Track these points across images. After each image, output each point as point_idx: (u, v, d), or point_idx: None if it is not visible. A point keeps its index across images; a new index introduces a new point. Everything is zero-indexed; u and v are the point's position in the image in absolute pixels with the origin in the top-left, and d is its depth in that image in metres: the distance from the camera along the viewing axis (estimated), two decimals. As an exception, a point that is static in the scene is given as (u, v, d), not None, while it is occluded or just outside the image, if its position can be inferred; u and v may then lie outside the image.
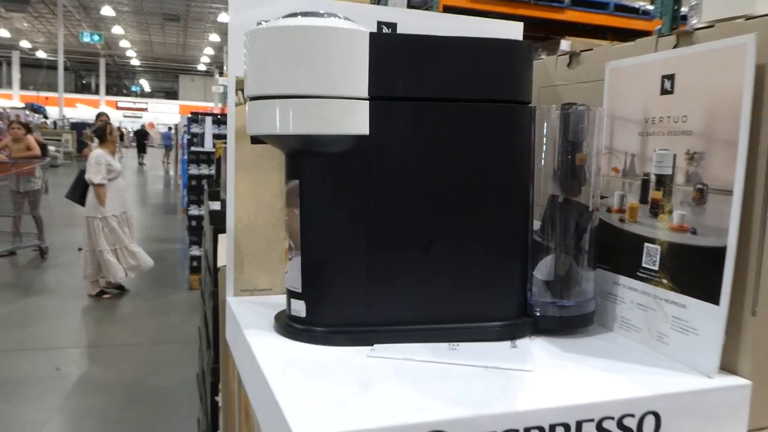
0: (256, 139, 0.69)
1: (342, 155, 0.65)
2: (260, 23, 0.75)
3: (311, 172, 0.66)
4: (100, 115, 7.09)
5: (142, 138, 20.37)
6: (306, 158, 0.66)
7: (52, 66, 29.06)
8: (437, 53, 0.66)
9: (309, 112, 0.63)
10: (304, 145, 0.65)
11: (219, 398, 1.56)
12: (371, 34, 0.64)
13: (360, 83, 0.64)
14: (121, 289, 5.21)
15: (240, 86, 0.82)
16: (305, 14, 0.65)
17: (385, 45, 0.65)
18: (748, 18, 0.60)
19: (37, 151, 7.04)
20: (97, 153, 4.93)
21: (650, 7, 5.01)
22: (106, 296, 5.08)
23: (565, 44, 4.63)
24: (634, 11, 5.10)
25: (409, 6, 4.72)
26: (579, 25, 5.04)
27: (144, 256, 5.09)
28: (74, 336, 4.31)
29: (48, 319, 4.61)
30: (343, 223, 0.66)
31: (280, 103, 0.64)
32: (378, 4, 5.11)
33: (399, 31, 0.88)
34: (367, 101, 0.64)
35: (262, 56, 0.64)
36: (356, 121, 0.64)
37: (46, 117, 23.63)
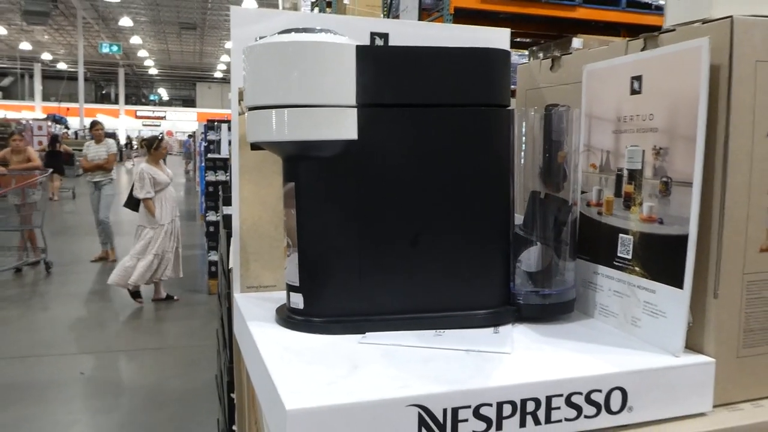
0: (255, 146, 0.75)
1: (333, 159, 0.70)
2: (258, 39, 0.81)
3: (305, 175, 0.72)
4: (95, 124, 7.00)
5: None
6: (300, 162, 0.72)
7: (72, 77, 29.58)
8: (420, 63, 0.71)
9: (302, 119, 0.69)
10: (298, 150, 0.71)
11: (234, 395, 1.62)
12: (358, 47, 0.70)
13: (348, 92, 0.70)
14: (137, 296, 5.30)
15: (242, 97, 0.88)
16: (299, 30, 0.71)
17: (371, 56, 0.70)
18: (705, 22, 0.65)
19: (38, 162, 7.16)
20: (141, 168, 5.09)
21: (662, 2, 5.00)
22: (176, 299, 5.26)
23: (577, 42, 4.65)
24: (646, 6, 5.10)
25: (421, 8, 4.78)
26: (591, 22, 5.05)
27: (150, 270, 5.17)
28: (97, 342, 4.42)
29: (71, 325, 4.74)
30: (336, 221, 0.72)
31: (275, 112, 0.70)
32: (389, 9, 5.16)
33: (391, 40, 0.93)
34: (355, 108, 0.70)
35: (259, 69, 0.70)
36: (345, 127, 0.70)
37: (67, 127, 24.10)
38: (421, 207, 0.72)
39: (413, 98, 0.71)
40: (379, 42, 0.92)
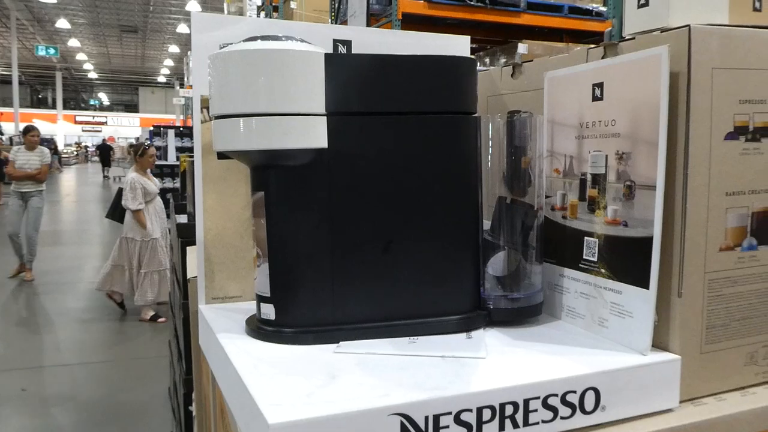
0: (222, 155, 0.73)
1: (303, 167, 0.70)
2: (222, 46, 0.80)
3: (275, 184, 0.71)
4: (30, 130, 6.29)
5: (105, 152, 20.96)
6: (270, 171, 0.71)
7: (6, 81, 28.37)
8: (388, 70, 0.72)
9: (271, 128, 0.68)
10: (268, 159, 0.70)
11: (193, 407, 1.59)
12: (326, 54, 0.70)
13: (317, 100, 0.69)
14: (121, 307, 5.10)
15: (205, 104, 0.86)
16: (265, 38, 0.70)
17: (340, 64, 0.70)
18: (663, 30, 0.67)
19: None
20: (131, 177, 4.82)
21: (603, 9, 5.18)
22: (161, 320, 4.92)
23: (522, 47, 4.76)
24: (587, 13, 5.26)
25: (369, 14, 4.80)
26: (536, 28, 5.18)
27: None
28: (38, 356, 4.24)
29: (9, 340, 4.54)
30: (306, 230, 0.71)
31: (243, 121, 0.68)
32: (337, 15, 5.16)
33: (354, 48, 0.93)
34: (325, 117, 0.70)
35: (226, 78, 0.69)
36: (315, 135, 0.69)
37: (1, 133, 23.11)
38: (391, 215, 0.72)
39: (382, 106, 0.71)
40: (342, 49, 0.92)
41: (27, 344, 4.47)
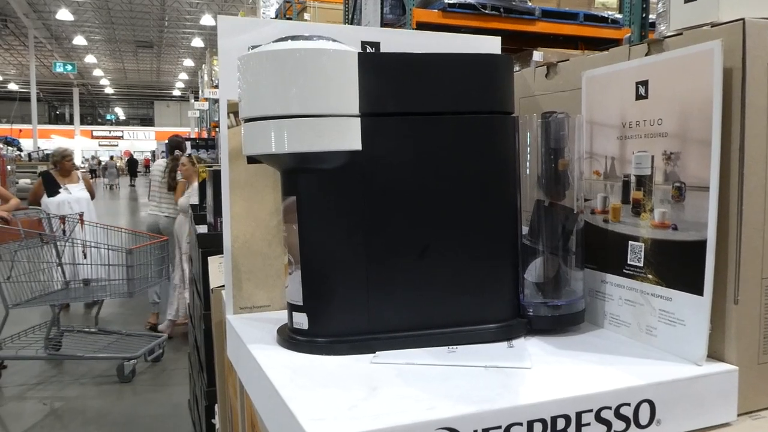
0: (251, 159, 0.71)
1: (337, 170, 0.67)
2: (252, 48, 0.78)
3: (307, 188, 0.68)
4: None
5: (133, 165, 22.63)
6: (302, 175, 0.68)
7: (24, 98, 28.78)
8: (423, 70, 0.69)
9: (303, 130, 0.65)
10: (300, 163, 0.68)
11: (216, 420, 1.56)
12: (360, 54, 0.67)
13: (351, 101, 0.67)
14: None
15: (231, 109, 0.84)
16: (294, 38, 0.68)
17: (374, 64, 0.68)
18: (714, 25, 0.64)
19: (14, 200, 6.41)
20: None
21: (619, 16, 5.13)
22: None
23: (537, 55, 4.72)
24: (603, 20, 5.21)
25: (383, 22, 4.79)
26: (551, 36, 5.13)
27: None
28: (59, 370, 4.24)
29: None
30: (340, 235, 0.68)
31: (274, 124, 0.66)
32: (351, 21, 5.17)
33: (382, 49, 0.91)
34: (359, 118, 0.67)
35: (256, 79, 0.67)
36: (349, 137, 0.67)
37: (20, 150, 23.46)
38: (428, 219, 0.70)
39: (418, 106, 0.69)
40: (371, 51, 0.90)
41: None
